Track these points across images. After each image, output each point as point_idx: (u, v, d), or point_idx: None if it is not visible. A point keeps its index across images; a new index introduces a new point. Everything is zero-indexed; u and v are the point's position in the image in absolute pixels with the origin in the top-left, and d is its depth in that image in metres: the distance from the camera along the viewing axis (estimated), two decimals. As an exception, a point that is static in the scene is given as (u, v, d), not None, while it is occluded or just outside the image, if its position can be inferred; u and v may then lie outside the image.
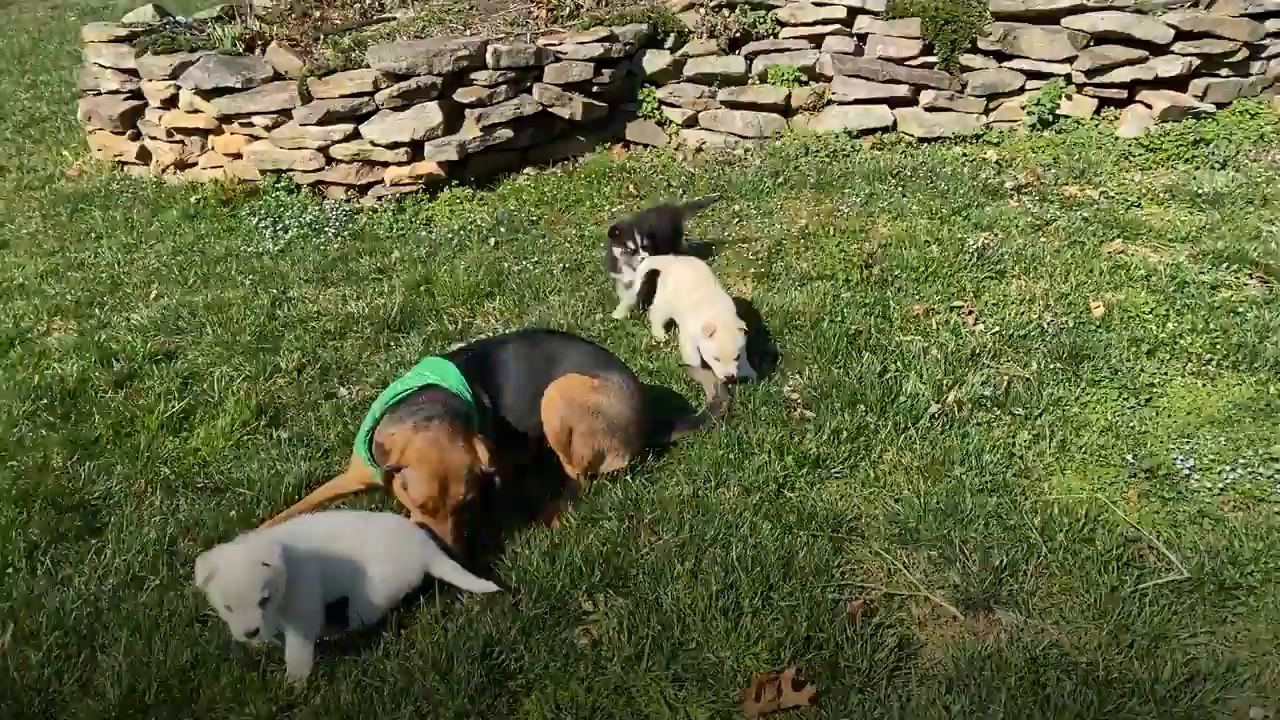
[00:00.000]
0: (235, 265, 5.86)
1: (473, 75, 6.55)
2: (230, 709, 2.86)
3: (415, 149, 6.45)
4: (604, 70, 6.86)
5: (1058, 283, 5.07)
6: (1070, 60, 6.64)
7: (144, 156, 7.43)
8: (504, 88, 6.58)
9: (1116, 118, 6.73)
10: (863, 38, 6.99)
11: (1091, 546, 3.35)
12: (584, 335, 4.63)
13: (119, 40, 7.32)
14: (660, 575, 3.28)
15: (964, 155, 6.70)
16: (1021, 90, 6.81)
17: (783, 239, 5.73)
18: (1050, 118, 6.77)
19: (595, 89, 6.90)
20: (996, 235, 5.60)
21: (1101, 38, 6.59)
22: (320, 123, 6.43)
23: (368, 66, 6.45)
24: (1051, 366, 4.38)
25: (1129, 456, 3.79)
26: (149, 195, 7.02)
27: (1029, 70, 6.74)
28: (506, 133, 6.61)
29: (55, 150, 8.30)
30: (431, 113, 6.38)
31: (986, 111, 6.89)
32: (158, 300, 5.48)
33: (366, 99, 6.42)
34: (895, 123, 6.99)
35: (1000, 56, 6.77)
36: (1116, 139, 6.60)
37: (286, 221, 6.33)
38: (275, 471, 3.89)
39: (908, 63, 6.84)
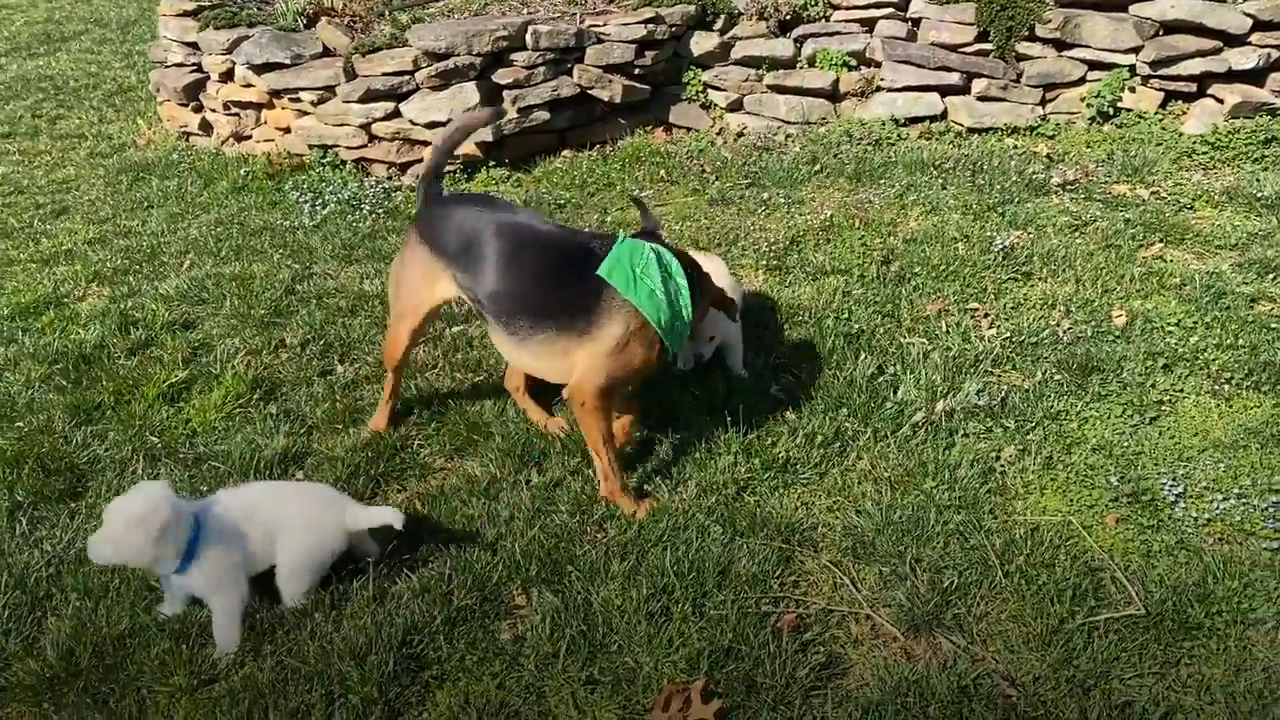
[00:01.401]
0: (269, 239, 6.00)
1: (512, 56, 6.54)
2: (156, 678, 2.94)
3: (452, 128, 6.49)
4: (646, 52, 6.77)
5: (1084, 287, 4.81)
6: (1135, 50, 6.26)
7: (206, 128, 7.67)
8: (543, 69, 6.56)
9: (1183, 112, 6.33)
10: (916, 23, 6.73)
11: (1051, 573, 3.19)
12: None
13: (186, 14, 7.56)
14: (596, 574, 3.25)
15: (1014, 148, 6.41)
16: (1081, 81, 6.46)
17: (804, 230, 5.58)
18: (1110, 111, 6.41)
19: (637, 71, 6.82)
20: (1029, 234, 5.35)
21: (1171, 27, 6.19)
22: (362, 100, 6.52)
23: (409, 45, 6.50)
24: (1057, 377, 4.16)
25: (1114, 479, 3.58)
26: (204, 166, 7.24)
27: (1090, 60, 6.38)
28: (543, 115, 6.60)
29: (132, 120, 8.65)
30: (469, 93, 6.41)
31: (1043, 103, 6.56)
32: (189, 270, 5.66)
33: (407, 77, 6.48)
34: (945, 111, 6.72)
35: (1059, 45, 6.43)
36: (1180, 135, 6.21)
37: (326, 197, 6.45)
38: (254, 445, 3.98)
39: (961, 50, 6.56)
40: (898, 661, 2.95)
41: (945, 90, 6.68)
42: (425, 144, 6.57)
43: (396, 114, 6.55)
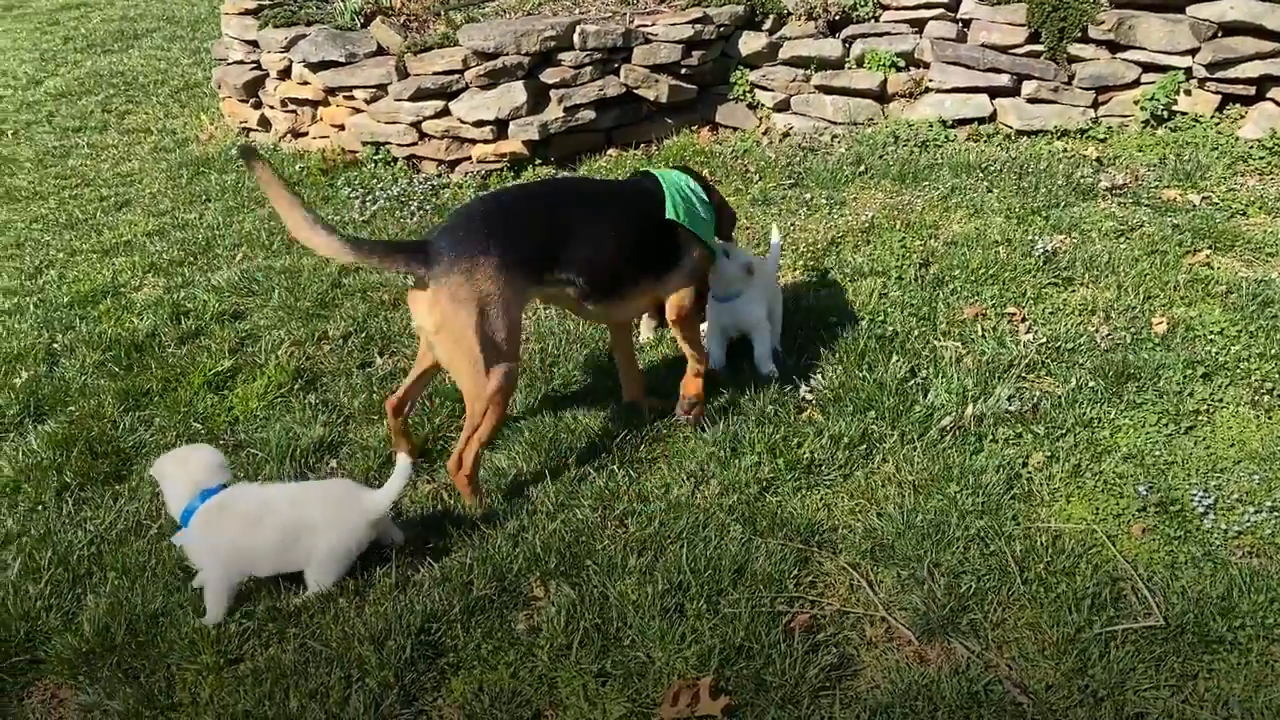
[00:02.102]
0: (319, 233, 6.14)
1: (560, 56, 6.61)
2: (185, 656, 3.06)
3: (500, 127, 6.59)
4: (694, 52, 6.79)
5: (1126, 294, 4.73)
6: (1192, 52, 6.12)
7: (265, 124, 7.87)
8: (589, 69, 6.62)
9: (1241, 116, 6.18)
10: (966, 24, 6.65)
11: (1070, 581, 3.16)
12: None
13: (247, 12, 7.77)
14: (613, 568, 3.29)
15: (1063, 151, 6.31)
16: (1135, 83, 6.33)
17: (845, 231, 5.56)
18: (1165, 114, 6.27)
19: (684, 71, 6.85)
20: (1073, 239, 5.27)
21: (1229, 28, 6.04)
22: (413, 98, 6.65)
23: (459, 45, 6.60)
24: (1092, 384, 4.11)
25: (1143, 488, 3.53)
26: (262, 162, 7.42)
27: (1144, 62, 6.25)
28: (589, 114, 6.66)
29: (195, 115, 8.89)
30: (516, 92, 6.49)
31: (1094, 105, 6.44)
32: (241, 263, 5.82)
33: (457, 76, 6.59)
34: (994, 113, 6.64)
35: (1113, 47, 6.31)
36: (1236, 140, 6.06)
37: (376, 193, 6.59)
38: (292, 434, 4.10)
39: (1011, 51, 6.47)
40: (910, 665, 2.95)
41: (995, 92, 6.60)
42: (473, 142, 6.68)
43: (446, 112, 6.66)
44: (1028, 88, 6.50)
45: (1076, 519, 3.46)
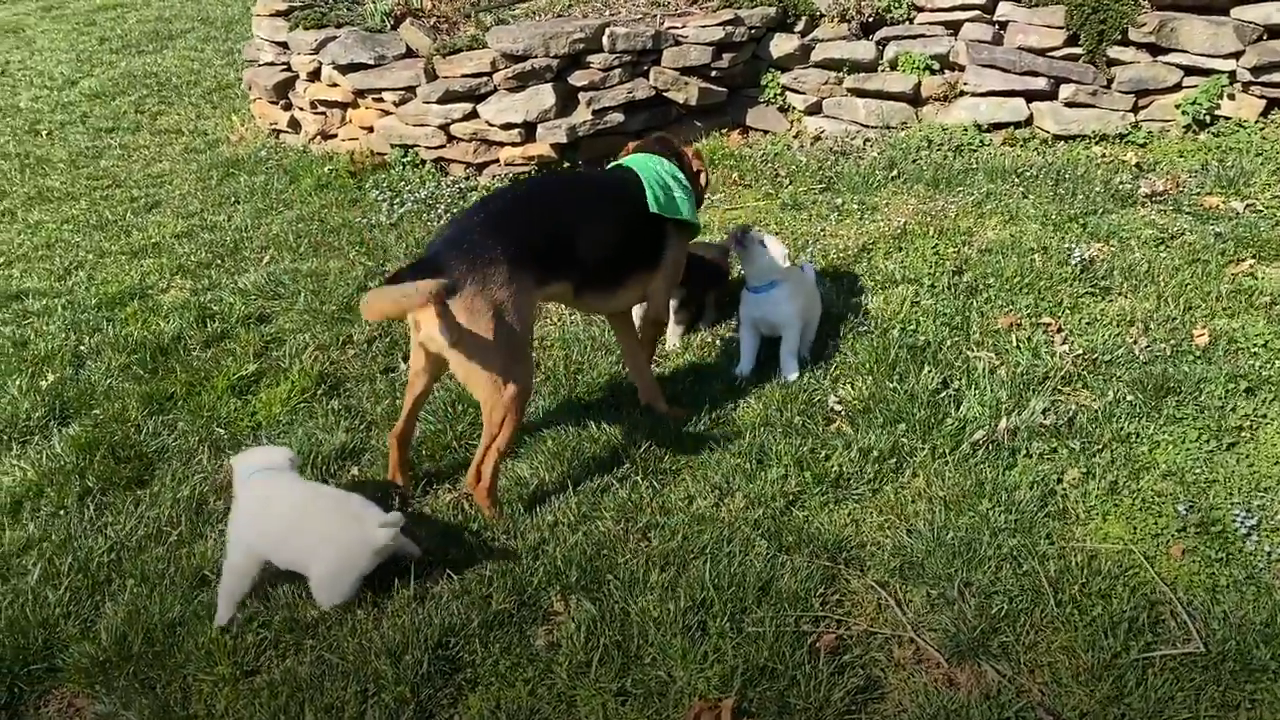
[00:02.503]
0: (347, 236, 6.13)
1: (589, 58, 6.56)
2: (201, 667, 3.03)
3: (528, 130, 6.55)
4: (724, 54, 6.72)
5: (1165, 304, 4.61)
6: (1236, 56, 5.97)
7: (295, 126, 7.88)
8: (618, 71, 6.56)
9: (1287, 120, 6.03)
10: (1002, 25, 6.53)
11: (1106, 604, 3.06)
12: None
13: (278, 14, 7.77)
14: (635, 584, 3.23)
15: (1101, 156, 6.17)
16: (1176, 87, 6.18)
17: (876, 237, 5.47)
18: (1207, 119, 6.12)
19: (714, 73, 6.77)
20: (1111, 247, 5.14)
21: (1276, 31, 5.88)
22: (441, 101, 6.62)
23: (487, 47, 6.57)
24: (1130, 398, 3.99)
25: (1182, 507, 3.42)
26: (291, 163, 7.43)
27: (1187, 65, 6.11)
28: (617, 117, 6.60)
29: (227, 116, 8.92)
30: (545, 95, 6.44)
31: (1134, 109, 6.30)
32: (268, 265, 5.81)
33: (485, 79, 6.55)
34: (1030, 117, 6.51)
35: (1154, 50, 6.16)
36: (1282, 145, 5.91)
37: (404, 196, 6.56)
38: (314, 440, 4.07)
39: (1049, 54, 6.34)
40: (939, 689, 2.87)
41: (1031, 95, 6.47)
42: (501, 144, 6.64)
43: (474, 115, 6.63)
44: (1065, 91, 6.36)
45: (1113, 539, 3.36)
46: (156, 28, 13.59)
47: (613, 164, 4.16)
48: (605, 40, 6.54)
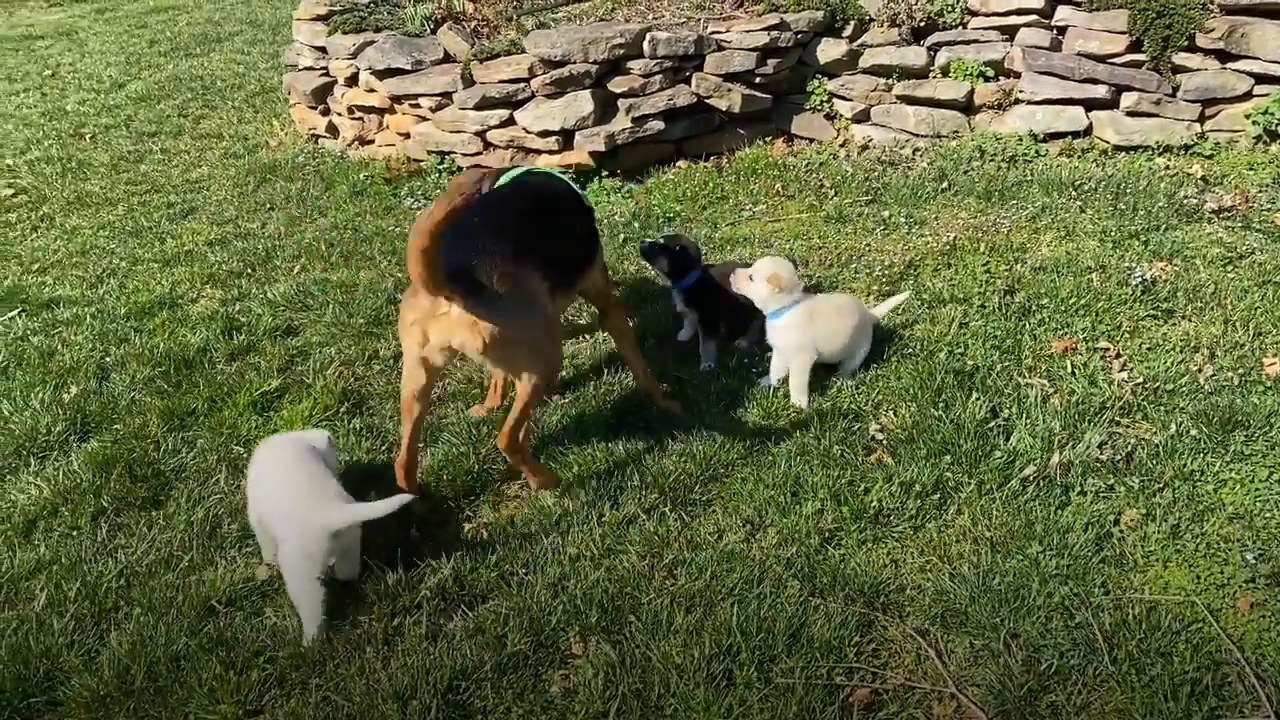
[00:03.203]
0: (379, 245, 6.01)
1: (629, 64, 6.39)
2: (204, 705, 2.90)
3: (566, 138, 6.40)
4: (769, 60, 6.52)
5: (1233, 329, 4.33)
6: (1311, 62, 5.66)
7: (333, 131, 7.80)
8: (659, 77, 6.38)
9: (1366, 132, 5.69)
10: (1061, 30, 6.25)
11: (1167, 663, 2.82)
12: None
13: (318, 19, 7.70)
14: (658, 627, 3.05)
15: (1164, 168, 5.88)
16: (1246, 96, 5.86)
17: (924, 253, 5.23)
18: (1279, 129, 5.80)
19: (758, 79, 6.57)
20: (1175, 266, 4.86)
21: (1354, 36, 5.57)
22: (478, 107, 6.49)
23: (525, 52, 6.42)
24: (1194, 432, 3.73)
25: (1251, 555, 3.16)
26: (327, 169, 7.36)
27: (1258, 73, 5.79)
28: (657, 124, 6.42)
29: (267, 121, 8.89)
30: (583, 102, 6.29)
31: (1200, 119, 5.99)
32: (298, 275, 5.71)
33: (523, 85, 6.41)
34: (1089, 127, 6.22)
35: (1222, 56, 5.85)
36: (1360, 158, 5.58)
37: (438, 203, 6.43)
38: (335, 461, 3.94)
39: (1110, 60, 6.05)
40: (982, 753, 2.66)
41: (1090, 104, 6.19)
42: (538, 152, 6.49)
43: (511, 121, 6.49)
44: (1127, 100, 6.07)
45: (1175, 588, 3.11)
46: (206, 30, 13.69)
47: (505, 179, 3.98)
48: (646, 46, 6.37)
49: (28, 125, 9.41)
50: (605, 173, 6.49)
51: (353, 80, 7.32)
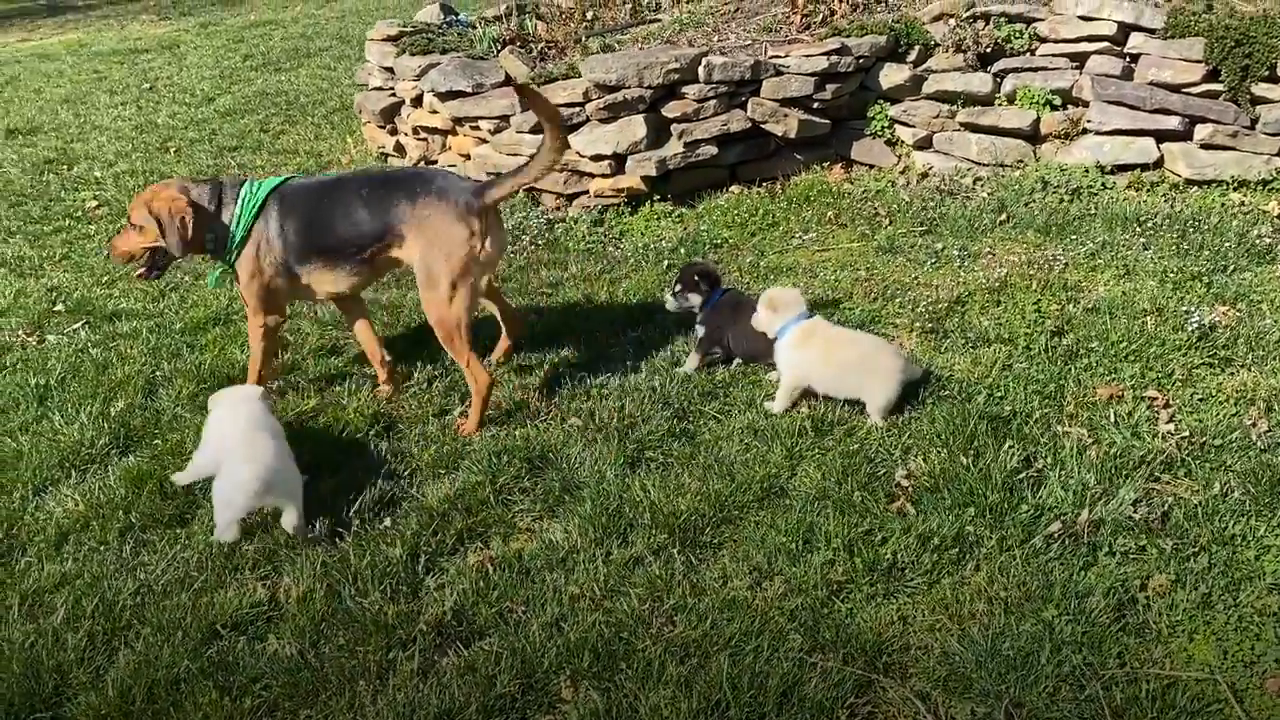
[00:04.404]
0: (430, 265, 6.08)
1: (684, 88, 6.36)
2: (196, 731, 2.95)
3: (618, 162, 6.40)
4: (828, 85, 6.41)
5: (1296, 381, 4.09)
6: (1403, 95, 5.33)
7: (400, 150, 7.94)
8: (713, 102, 6.33)
9: None
10: (1133, 59, 6.01)
11: (1178, 747, 2.66)
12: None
13: (389, 40, 7.86)
14: (649, 676, 2.99)
15: (1239, 205, 5.59)
16: (1332, 129, 5.56)
17: (973, 289, 5.06)
18: (1366, 165, 5.49)
19: (816, 105, 6.47)
20: (1238, 311, 4.62)
21: None
22: (534, 130, 6.53)
23: (580, 76, 6.44)
24: (1239, 493, 3.53)
25: (1286, 632, 2.97)
26: (392, 188, 7.47)
27: (1344, 105, 5.49)
28: (710, 149, 6.37)
29: (342, 138, 9.09)
30: (636, 126, 6.27)
31: (1281, 153, 5.71)
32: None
33: (578, 109, 6.43)
34: (1160, 159, 5.97)
35: (1306, 87, 5.57)
36: None
37: (492, 224, 6.49)
38: (356, 485, 3.99)
39: (1184, 90, 5.79)
40: (970, 831, 2.54)
41: (1162, 135, 5.94)
42: (591, 175, 6.50)
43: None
44: (1201, 131, 5.81)
45: (1198, 663, 2.93)
46: (298, 45, 14.10)
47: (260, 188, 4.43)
48: (701, 71, 6.33)
49: (120, 138, 9.80)
50: (657, 197, 6.46)
51: (418, 101, 7.44)
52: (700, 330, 4.67)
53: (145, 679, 3.09)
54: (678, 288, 4.66)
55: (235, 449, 3.73)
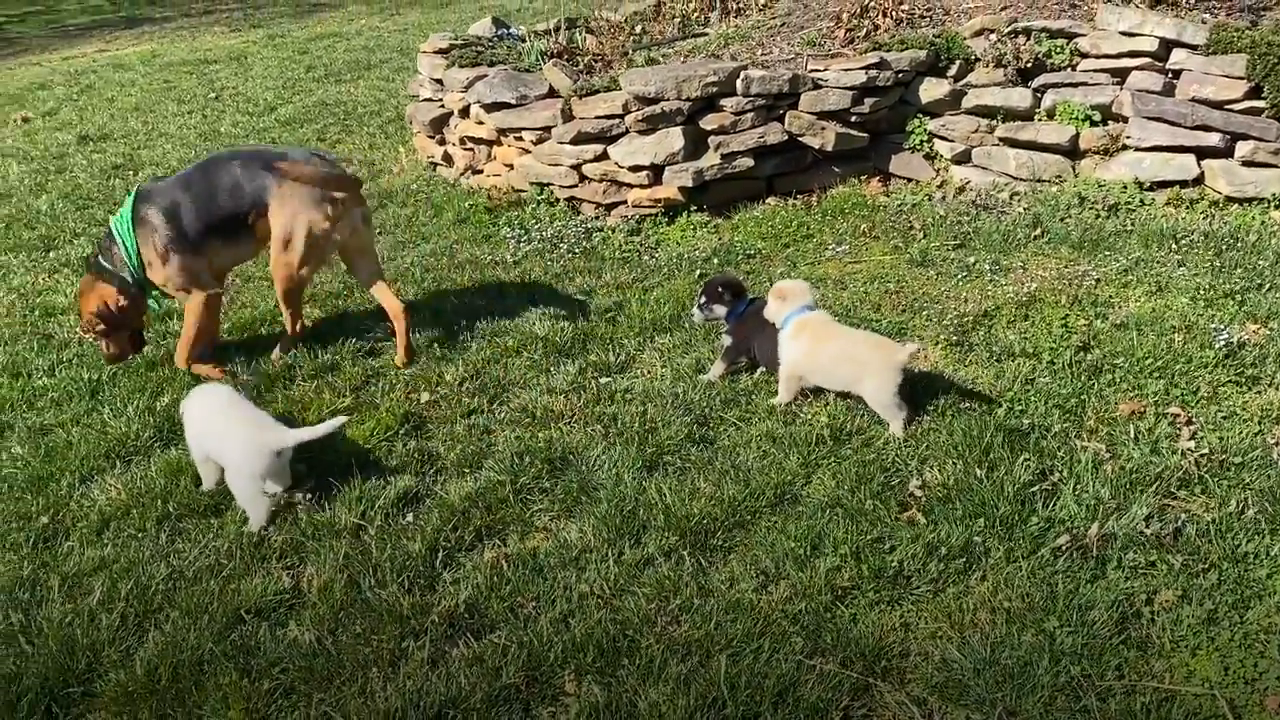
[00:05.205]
0: (470, 272, 6.23)
1: (723, 101, 6.44)
2: (216, 710, 3.09)
3: (656, 173, 6.50)
4: (866, 99, 6.45)
5: (1323, 401, 4.04)
6: None
7: (448, 160, 8.13)
8: (751, 115, 6.41)
9: None
10: (1175, 74, 5.96)
11: (1172, 761, 2.67)
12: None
13: (440, 52, 8.06)
14: (650, 673, 3.07)
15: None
16: (1378, 147, 5.47)
17: (1001, 303, 5.07)
18: None
19: (854, 118, 6.51)
20: (1269, 329, 4.57)
21: None
22: (574, 141, 6.66)
23: (620, 89, 6.56)
24: (1254, 511, 3.51)
25: (1290, 651, 2.95)
26: (438, 197, 7.66)
27: (1391, 123, 5.40)
28: (747, 161, 6.44)
29: (395, 148, 9.32)
30: (674, 138, 6.37)
31: (1326, 170, 5.61)
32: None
33: (617, 121, 6.54)
34: (1200, 176, 5.90)
35: (1351, 104, 5.48)
36: None
37: (532, 234, 6.64)
38: (383, 482, 4.12)
39: (1226, 106, 5.73)
40: (955, 834, 2.57)
41: (1202, 152, 5.87)
42: (629, 186, 6.62)
43: (605, 156, 6.63)
44: (1243, 149, 5.74)
45: (1198, 679, 2.93)
46: (359, 57, 14.43)
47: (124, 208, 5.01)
48: (739, 83, 6.41)
49: (184, 145, 10.15)
50: (693, 207, 6.55)
51: (465, 112, 7.62)
52: (727, 340, 4.75)
53: (171, 659, 3.25)
54: (702, 300, 4.74)
55: (232, 429, 3.98)
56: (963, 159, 6.64)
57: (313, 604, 3.47)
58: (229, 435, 3.96)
